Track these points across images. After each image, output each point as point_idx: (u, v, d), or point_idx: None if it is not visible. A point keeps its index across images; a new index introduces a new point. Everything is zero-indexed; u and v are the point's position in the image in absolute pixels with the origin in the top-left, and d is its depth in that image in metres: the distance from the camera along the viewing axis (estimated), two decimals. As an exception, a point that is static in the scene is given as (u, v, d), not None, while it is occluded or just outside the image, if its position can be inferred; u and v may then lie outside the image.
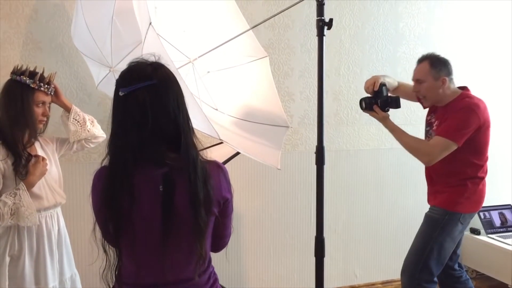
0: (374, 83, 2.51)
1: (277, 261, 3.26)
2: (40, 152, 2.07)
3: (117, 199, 1.21)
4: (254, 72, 2.46)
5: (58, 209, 2.13)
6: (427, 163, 2.47)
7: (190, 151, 1.24)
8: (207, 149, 1.41)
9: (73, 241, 2.27)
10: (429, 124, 2.62)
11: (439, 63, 2.46)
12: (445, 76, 2.44)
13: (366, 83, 2.57)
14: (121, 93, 1.23)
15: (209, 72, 2.39)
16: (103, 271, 1.29)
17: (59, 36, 2.66)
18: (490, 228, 3.59)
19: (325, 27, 1.90)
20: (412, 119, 3.48)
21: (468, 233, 3.57)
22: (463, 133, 2.35)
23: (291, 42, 3.17)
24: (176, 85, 1.28)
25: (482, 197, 2.53)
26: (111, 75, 2.24)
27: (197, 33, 2.31)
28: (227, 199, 1.33)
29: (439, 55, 2.49)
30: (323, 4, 1.89)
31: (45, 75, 2.05)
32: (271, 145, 2.31)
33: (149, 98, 1.22)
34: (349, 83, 3.35)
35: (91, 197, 1.30)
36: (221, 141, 1.94)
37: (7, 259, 1.96)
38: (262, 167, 3.07)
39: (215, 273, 1.39)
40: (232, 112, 2.39)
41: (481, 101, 2.44)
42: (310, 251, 2.00)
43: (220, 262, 2.61)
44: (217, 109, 2.37)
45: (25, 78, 1.98)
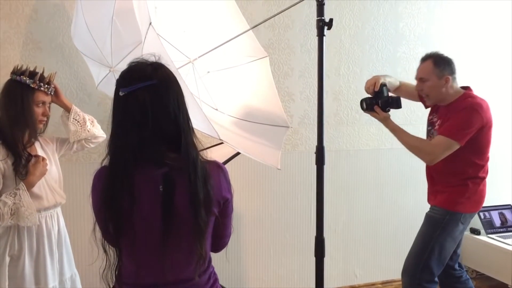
0: (374, 84, 2.51)
1: (277, 261, 3.26)
2: (40, 152, 2.07)
3: (117, 199, 1.21)
4: (254, 72, 2.46)
5: (58, 209, 2.13)
6: (429, 162, 2.47)
7: (190, 151, 1.24)
8: (207, 149, 1.41)
9: (73, 241, 2.27)
10: (431, 123, 2.62)
11: (442, 62, 2.46)
12: (449, 75, 2.44)
13: (366, 83, 2.57)
14: (121, 93, 1.23)
15: (209, 72, 2.39)
16: (103, 271, 1.29)
17: (59, 36, 2.66)
18: (490, 228, 3.59)
19: (325, 27, 1.90)
20: (412, 119, 3.48)
21: (468, 233, 3.57)
22: (465, 133, 2.35)
23: (291, 42, 3.17)
24: (176, 85, 1.28)
25: (482, 197, 2.53)
26: (111, 75, 2.24)
27: (197, 33, 2.31)
28: (227, 199, 1.33)
29: (443, 54, 2.49)
30: (323, 4, 1.89)
31: (45, 75, 2.05)
32: (271, 145, 2.31)
33: (149, 98, 1.22)
34: (349, 83, 3.35)
35: (91, 197, 1.30)
36: (221, 141, 1.94)
37: (7, 259, 1.95)
38: (262, 167, 3.07)
39: (215, 273, 1.39)
40: (232, 112, 2.39)
41: (483, 101, 2.44)
42: (310, 251, 2.00)
43: (220, 262, 2.61)
44: (217, 109, 2.36)
45: (25, 78, 1.98)
